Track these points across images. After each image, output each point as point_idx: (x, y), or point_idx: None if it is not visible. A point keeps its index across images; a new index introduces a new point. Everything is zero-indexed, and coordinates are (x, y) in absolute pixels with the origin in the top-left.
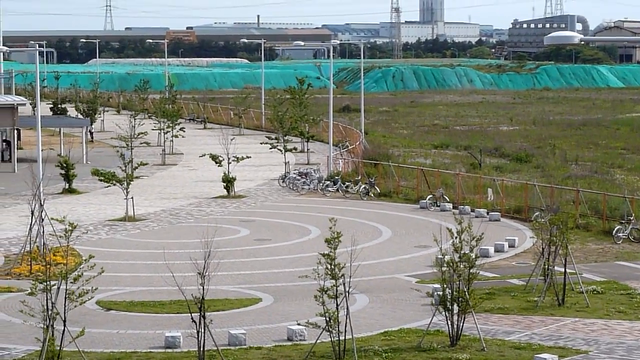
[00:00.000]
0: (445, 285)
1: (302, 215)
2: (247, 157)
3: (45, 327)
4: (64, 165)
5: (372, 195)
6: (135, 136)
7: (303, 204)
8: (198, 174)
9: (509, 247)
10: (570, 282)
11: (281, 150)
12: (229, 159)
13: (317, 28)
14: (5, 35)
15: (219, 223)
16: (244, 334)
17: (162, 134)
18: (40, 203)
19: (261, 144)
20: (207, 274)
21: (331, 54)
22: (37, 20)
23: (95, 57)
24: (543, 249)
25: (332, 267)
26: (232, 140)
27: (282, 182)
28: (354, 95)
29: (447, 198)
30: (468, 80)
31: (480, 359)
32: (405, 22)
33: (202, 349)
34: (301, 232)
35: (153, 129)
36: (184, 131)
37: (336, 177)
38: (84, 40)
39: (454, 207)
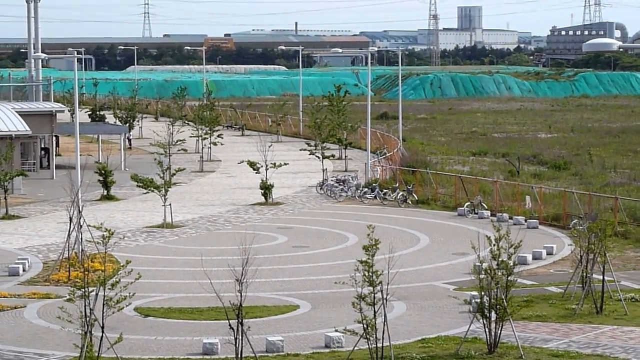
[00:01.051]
0: (483, 293)
1: (340, 223)
2: (285, 164)
3: (83, 333)
4: (102, 172)
5: (410, 202)
6: (173, 143)
7: (341, 211)
8: (236, 180)
9: (547, 254)
10: (608, 289)
11: (319, 157)
12: (266, 165)
13: (355, 35)
14: (43, 42)
15: (257, 230)
16: (282, 341)
17: (200, 140)
18: (79, 210)
19: (300, 150)
20: (244, 280)
21: (369, 61)
22: (76, 27)
23: (134, 64)
24: (581, 256)
25: (370, 274)
26: (269, 147)
27: (320, 189)
28: (391, 103)
29: (485, 205)
30: (506, 87)
31: None
32: (444, 29)
33: (239, 355)
34: (339, 239)
35: (191, 136)
36: (222, 138)
37: (374, 184)
38: (122, 47)
39: (492, 215)
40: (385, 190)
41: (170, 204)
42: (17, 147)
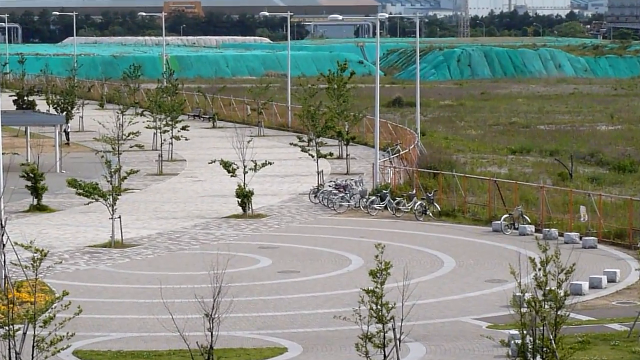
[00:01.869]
0: (525, 332)
1: (340, 241)
2: (269, 164)
3: None
4: (32, 175)
5: (431, 214)
6: (124, 137)
7: (341, 226)
8: (205, 186)
9: (608, 282)
10: None
11: (313, 156)
12: (245, 167)
13: None
14: None
15: (233, 250)
16: None
17: (159, 134)
18: (1, 224)
19: (291, 144)
20: (216, 316)
21: (377, 31)
22: None
23: (72, 35)
24: None
25: (379, 307)
26: (249, 142)
27: (314, 197)
28: (407, 85)
29: (527, 218)
30: (556, 65)
31: None
32: None
33: None
34: (339, 262)
35: (147, 128)
36: (187, 131)
37: (384, 191)
38: (58, 14)
39: (536, 230)
40: (398, 199)
41: (119, 217)
42: None
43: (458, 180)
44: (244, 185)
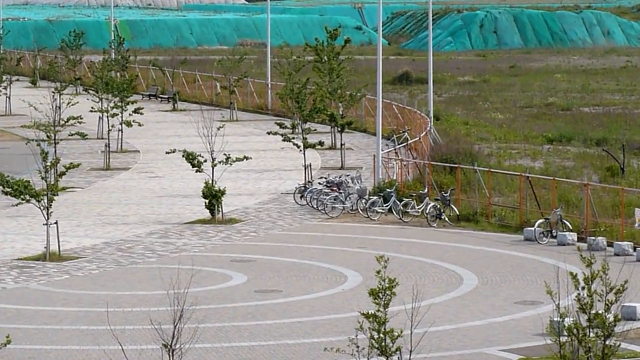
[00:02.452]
0: None
1: (333, 252)
2: (246, 159)
3: None
4: None
5: (447, 219)
6: (63, 123)
7: (334, 234)
8: (164, 184)
9: None
10: None
11: (298, 146)
12: (214, 159)
13: None
14: None
15: (198, 264)
16: None
17: (106, 119)
18: None
19: (268, 133)
20: (177, 346)
21: None
22: None
23: None
24: None
25: (381, 335)
26: (219, 129)
27: (301, 197)
28: (417, 57)
29: (568, 224)
30: (603, 32)
31: None
32: None
33: None
34: (331, 279)
35: (91, 111)
36: (142, 114)
37: (388, 190)
38: None
39: (579, 239)
40: (406, 200)
41: (56, 222)
42: None
43: (481, 177)
44: (212, 183)
